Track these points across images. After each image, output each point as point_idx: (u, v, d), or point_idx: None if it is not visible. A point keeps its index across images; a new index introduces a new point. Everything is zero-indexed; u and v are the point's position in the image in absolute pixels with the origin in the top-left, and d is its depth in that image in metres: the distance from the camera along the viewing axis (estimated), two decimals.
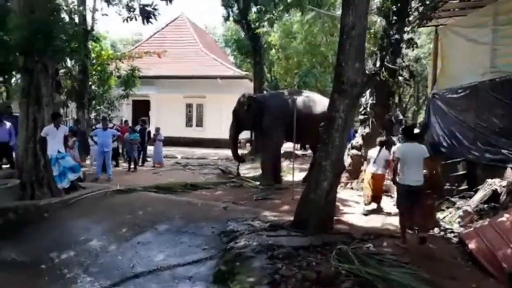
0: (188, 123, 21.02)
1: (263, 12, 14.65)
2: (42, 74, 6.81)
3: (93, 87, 14.02)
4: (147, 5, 11.51)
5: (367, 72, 5.79)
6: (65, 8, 10.80)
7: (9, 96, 18.26)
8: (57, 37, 6.83)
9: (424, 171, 5.31)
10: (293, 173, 8.76)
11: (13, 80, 16.49)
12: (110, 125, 11.90)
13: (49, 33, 6.61)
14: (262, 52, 19.19)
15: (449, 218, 6.26)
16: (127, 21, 11.89)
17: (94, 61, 13.82)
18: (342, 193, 8.35)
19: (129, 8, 11.06)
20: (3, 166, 9.82)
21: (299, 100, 9.77)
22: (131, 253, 5.12)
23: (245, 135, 12.55)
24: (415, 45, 9.17)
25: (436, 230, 5.82)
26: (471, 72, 7.48)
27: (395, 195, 6.47)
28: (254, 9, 16.40)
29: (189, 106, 20.99)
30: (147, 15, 11.05)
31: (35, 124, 6.82)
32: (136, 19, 11.75)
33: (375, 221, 6.40)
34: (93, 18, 13.62)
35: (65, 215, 6.28)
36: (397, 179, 5.31)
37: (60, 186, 7.12)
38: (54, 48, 6.79)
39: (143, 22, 10.81)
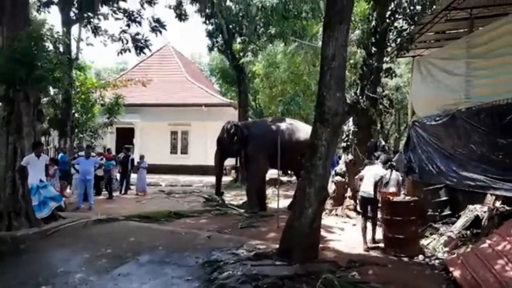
0: (173, 150, 20.91)
1: (247, 42, 15.02)
2: (24, 103, 6.76)
3: (76, 115, 13.90)
4: (137, 34, 11.72)
5: (348, 101, 5.93)
6: (49, 37, 10.83)
7: None
8: (40, 66, 6.82)
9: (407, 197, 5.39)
10: (278, 200, 8.73)
11: None
12: (94, 153, 11.76)
13: (32, 62, 6.61)
14: (247, 81, 19.53)
15: (433, 245, 6.30)
16: (121, 53, 12.06)
17: (78, 89, 13.77)
18: (327, 220, 8.34)
19: (122, 40, 11.21)
20: None
21: (283, 127, 9.90)
22: (111, 286, 4.94)
23: (230, 161, 12.54)
24: (394, 74, 9.51)
25: (420, 257, 5.83)
26: (448, 101, 7.72)
27: None
28: (238, 39, 16.81)
29: (174, 133, 20.96)
30: (140, 47, 11.30)
31: (15, 153, 6.71)
32: (130, 51, 11.94)
33: (360, 248, 6.38)
34: (77, 48, 13.70)
35: (43, 246, 6.07)
36: None
37: (40, 216, 6.93)
38: (37, 77, 6.76)
39: (137, 54, 11.01)
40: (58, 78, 8.96)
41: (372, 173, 6.83)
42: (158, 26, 11.93)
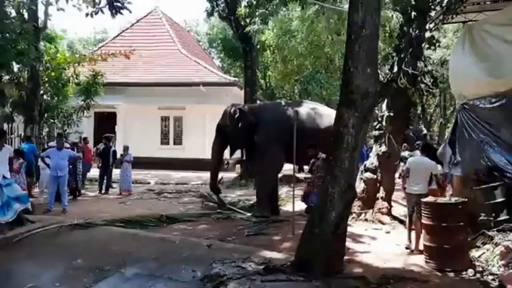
0: (164, 140, 21.05)
1: (254, 6, 14.89)
2: None
3: (45, 97, 14.01)
4: None
5: (381, 78, 5.89)
6: (11, 2, 10.91)
7: None
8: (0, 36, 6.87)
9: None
10: (294, 201, 8.74)
11: None
12: (68, 144, 11.87)
13: None
14: (255, 54, 19.44)
15: (487, 257, 6.27)
16: (91, 15, 11.98)
17: (47, 65, 13.86)
18: (354, 226, 8.36)
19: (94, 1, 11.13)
20: None
21: (301, 112, 9.88)
22: None
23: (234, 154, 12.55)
24: (438, 45, 9.36)
25: (470, 271, 5.82)
26: (508, 78, 7.60)
27: None
28: (243, 2, 16.69)
29: (165, 119, 21.07)
30: (117, 6, 11.13)
31: None
32: (102, 12, 11.83)
33: (395, 261, 6.40)
34: (46, 14, 13.75)
35: (7, 256, 6.18)
36: None
37: (3, 220, 7.04)
38: None
39: (112, 15, 10.85)
40: (22, 51, 9.08)
41: (422, 166, 7.25)
42: None
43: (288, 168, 11.81)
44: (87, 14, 9.92)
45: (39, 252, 6.42)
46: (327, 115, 9.81)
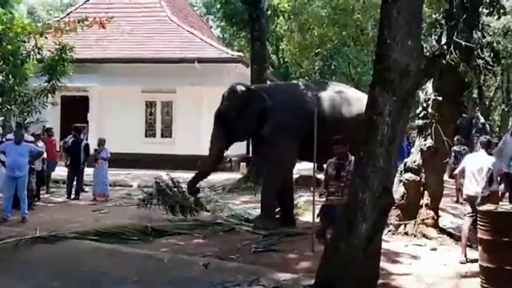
0: (149, 132, 21.16)
1: None
2: None
3: None
4: None
5: (426, 53, 5.86)
6: None
7: None
8: None
9: None
10: (314, 210, 8.74)
11: None
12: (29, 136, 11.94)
13: None
14: (264, 22, 19.39)
15: None
16: None
17: (1, 37, 13.91)
18: (391, 241, 8.34)
19: None
20: None
21: (324, 96, 9.84)
22: None
23: (237, 150, 12.55)
24: (502, 11, 9.28)
25: None
26: None
27: None
28: None
29: (150, 105, 21.17)
30: None
31: None
32: None
33: (442, 285, 6.40)
34: None
35: None
36: None
37: None
38: None
39: None
40: None
41: (479, 164, 7.54)
42: None
43: (306, 167, 11.80)
44: None
45: None
46: (356, 100, 9.76)
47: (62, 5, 40.07)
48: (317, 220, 8.25)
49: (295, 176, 10.89)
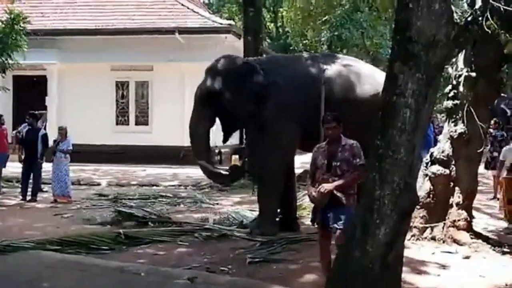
0: (121, 118, 21.16)
1: None
2: None
3: None
4: None
5: (456, 19, 5.84)
6: None
7: None
8: None
9: None
10: None
11: None
12: None
13: None
14: None
15: None
16: None
17: None
18: (414, 248, 8.37)
19: None
20: None
21: (331, 71, 9.81)
22: None
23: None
24: None
25: None
26: None
27: None
28: None
29: (121, 86, 21.20)
30: None
31: None
32: None
33: None
34: None
35: None
36: None
37: None
38: None
39: None
40: None
41: None
42: None
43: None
44: None
45: None
46: (370, 77, 9.76)
47: None
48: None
49: (298, 170, 10.86)
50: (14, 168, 14.47)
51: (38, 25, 17.10)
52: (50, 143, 13.81)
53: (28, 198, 13.30)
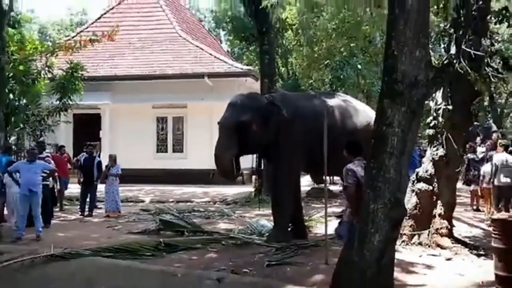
0: (161, 147, 21.26)
1: None
2: None
3: (11, 96, 14.20)
4: None
5: (434, 63, 5.86)
6: None
7: None
8: None
9: None
10: (326, 222, 8.73)
11: None
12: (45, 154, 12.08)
13: None
14: (273, 36, 19.50)
15: None
16: None
17: (14, 56, 14.07)
18: (404, 252, 8.30)
19: None
20: None
21: (331, 106, 9.79)
22: None
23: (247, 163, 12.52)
24: (511, 19, 9.27)
25: None
26: None
27: None
28: None
29: (161, 121, 21.30)
30: None
31: None
32: None
33: None
34: None
35: None
36: None
37: None
38: None
39: None
40: None
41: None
42: None
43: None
44: None
45: None
46: (362, 111, 9.80)
47: (73, 24, 40.46)
48: (331, 231, 8.23)
49: (307, 188, 10.84)
50: (74, 189, 14.56)
51: (93, 72, 17.35)
52: (103, 168, 13.94)
53: (86, 213, 13.35)
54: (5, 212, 12.04)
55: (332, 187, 12.47)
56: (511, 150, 11.59)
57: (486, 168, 12.05)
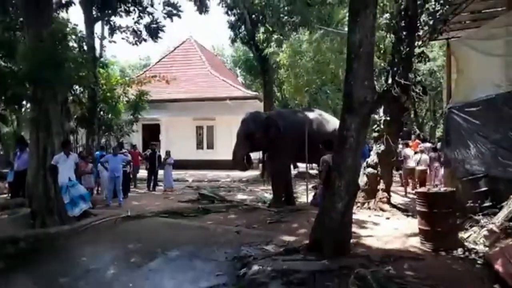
0: (199, 145, 21.22)
1: (270, 32, 14.92)
2: (51, 102, 7.02)
3: (102, 113, 14.27)
4: (152, 22, 11.86)
5: (377, 89, 5.81)
6: (73, 36, 11.15)
7: (19, 125, 18.72)
8: (65, 66, 7.05)
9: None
10: (307, 194, 8.71)
11: (23, 109, 16.90)
12: (125, 150, 12.14)
13: (57, 62, 6.84)
14: (271, 72, 19.44)
15: (474, 238, 6.12)
16: (136, 44, 12.25)
17: (104, 87, 14.13)
18: (358, 214, 8.24)
19: (136, 32, 11.34)
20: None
21: (310, 117, 9.80)
22: (142, 281, 5.11)
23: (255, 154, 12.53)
24: (427, 59, 9.21)
25: (459, 250, 5.69)
26: (487, 85, 7.44)
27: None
28: (261, 29, 16.75)
29: (199, 128, 21.24)
30: (154, 32, 11.41)
31: (45, 152, 6.99)
32: (145, 41, 12.11)
33: (394, 243, 6.30)
34: (101, 45, 14.04)
35: (75, 243, 6.34)
36: None
37: (71, 214, 7.22)
38: (63, 77, 7.00)
39: (153, 40, 11.17)
40: (83, 77, 9.29)
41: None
42: (172, 10, 11.76)
43: (302, 166, 11.74)
44: (133, 44, 10.23)
45: (100, 239, 6.58)
46: (331, 121, 9.78)
47: (141, 65, 40.60)
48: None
49: (295, 172, 10.79)
50: (142, 173, 14.59)
51: (155, 97, 17.31)
52: (162, 159, 13.95)
53: (150, 189, 13.38)
54: (99, 188, 12.15)
55: (310, 171, 12.40)
56: (429, 142, 11.71)
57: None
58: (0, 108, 16.24)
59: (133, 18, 12.65)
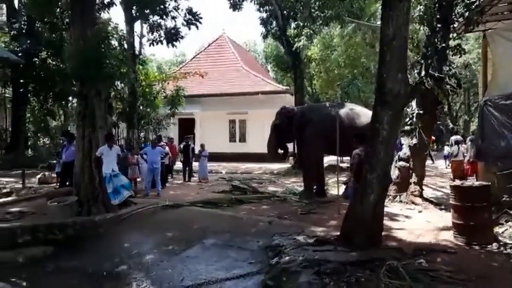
0: (232, 138, 21.39)
1: (301, 27, 14.76)
2: (96, 98, 7.30)
3: (141, 108, 14.67)
4: (172, 29, 11.97)
5: (411, 82, 5.65)
6: (114, 35, 11.49)
7: (66, 119, 19.60)
8: (108, 64, 7.31)
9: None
10: (338, 186, 8.62)
11: (69, 104, 17.63)
12: (163, 142, 12.45)
13: (101, 60, 7.10)
14: (302, 66, 19.24)
15: (509, 233, 5.87)
16: (152, 44, 12.50)
17: (143, 83, 14.51)
18: (390, 207, 8.08)
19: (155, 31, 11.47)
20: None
21: (342, 112, 9.66)
22: (180, 267, 5.27)
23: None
24: (462, 52, 8.83)
25: (494, 245, 5.48)
26: None
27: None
28: (293, 25, 16.60)
29: (232, 122, 21.40)
30: (172, 38, 11.57)
31: (90, 144, 7.29)
32: (162, 43, 12.32)
33: (427, 236, 6.14)
34: (140, 43, 14.39)
35: (118, 230, 6.60)
36: None
37: (114, 202, 7.51)
38: (106, 74, 7.27)
39: (168, 45, 11.37)
40: (124, 74, 9.60)
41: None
42: (192, 19, 11.79)
43: (333, 159, 11.60)
44: (149, 44, 10.64)
45: (141, 226, 6.81)
46: (364, 115, 9.55)
47: (177, 62, 41.33)
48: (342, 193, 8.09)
49: (326, 164, 10.67)
50: (179, 165, 14.90)
51: (190, 92, 17.61)
52: (196, 152, 14.17)
53: (186, 180, 13.55)
54: (139, 179, 12.52)
55: (341, 164, 12.21)
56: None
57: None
58: (49, 104, 17.15)
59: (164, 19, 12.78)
